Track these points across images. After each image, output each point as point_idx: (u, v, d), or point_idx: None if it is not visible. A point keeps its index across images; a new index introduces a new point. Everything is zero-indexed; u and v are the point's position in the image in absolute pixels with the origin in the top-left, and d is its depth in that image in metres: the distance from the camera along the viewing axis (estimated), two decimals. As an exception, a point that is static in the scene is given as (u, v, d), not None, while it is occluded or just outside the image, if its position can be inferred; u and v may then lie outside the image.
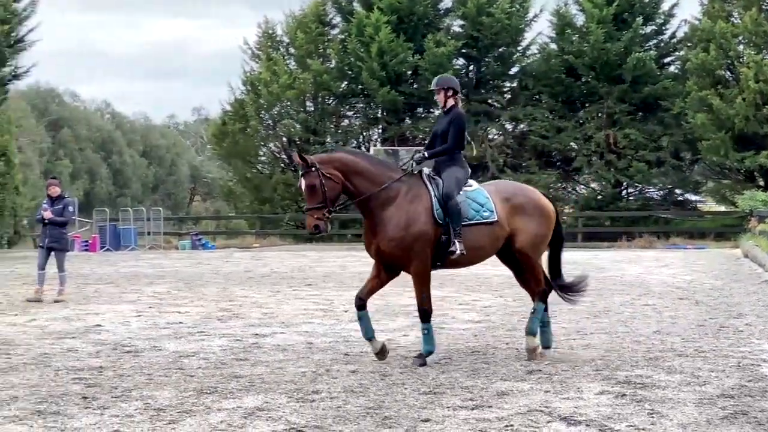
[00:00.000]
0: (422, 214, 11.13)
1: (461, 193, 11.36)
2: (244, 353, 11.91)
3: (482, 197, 11.48)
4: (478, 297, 18.69)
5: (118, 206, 65.03)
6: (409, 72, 50.33)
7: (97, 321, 15.22)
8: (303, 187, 11.12)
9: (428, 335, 11.21)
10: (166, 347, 12.41)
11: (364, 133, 53.20)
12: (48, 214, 18.89)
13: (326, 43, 51.97)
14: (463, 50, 50.15)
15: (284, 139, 52.46)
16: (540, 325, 11.76)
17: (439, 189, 11.27)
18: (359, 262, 28.69)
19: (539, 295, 11.80)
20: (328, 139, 50.69)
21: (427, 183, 11.35)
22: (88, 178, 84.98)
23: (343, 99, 51.95)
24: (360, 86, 50.46)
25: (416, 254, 11.08)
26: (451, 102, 11.85)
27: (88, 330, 14.18)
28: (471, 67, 52.24)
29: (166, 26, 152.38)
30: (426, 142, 12.13)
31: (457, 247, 11.09)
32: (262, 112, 50.90)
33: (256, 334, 13.55)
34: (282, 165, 52.55)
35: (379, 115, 51.53)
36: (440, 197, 11.21)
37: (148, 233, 47.43)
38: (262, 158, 54.90)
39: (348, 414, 8.32)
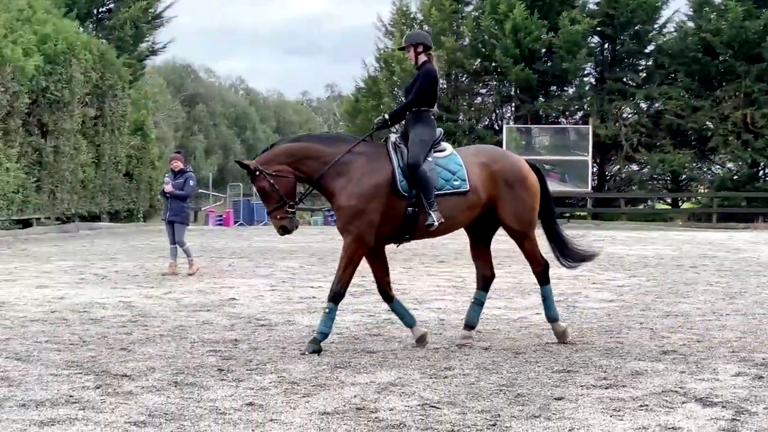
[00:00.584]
0: (377, 189, 10.46)
1: (430, 159, 10.66)
2: (377, 329, 11.94)
3: (454, 164, 10.75)
4: (612, 276, 18.45)
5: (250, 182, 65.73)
6: (543, 50, 49.82)
7: (232, 294, 15.40)
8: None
9: (329, 316, 10.51)
10: (300, 321, 12.51)
11: (497, 111, 52.89)
12: (169, 188, 19.21)
13: (460, 21, 51.74)
14: (599, 28, 49.46)
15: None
16: (473, 302, 11.19)
17: (403, 158, 10.59)
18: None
19: (537, 277, 11.18)
20: (461, 117, 50.56)
21: (391, 152, 10.67)
22: (222, 153, 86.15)
23: (477, 77, 51.66)
24: (493, 64, 50.12)
25: (356, 231, 10.41)
26: (423, 58, 11.09)
27: (222, 303, 14.36)
28: (606, 46, 51.56)
29: (301, 3, 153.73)
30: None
31: (434, 218, 10.42)
32: (395, 89, 50.91)
33: (389, 310, 13.54)
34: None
35: (512, 93, 51.14)
36: (404, 167, 10.55)
37: (281, 209, 47.78)
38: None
39: (481, 391, 8.28)
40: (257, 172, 10.59)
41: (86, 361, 9.53)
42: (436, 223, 10.43)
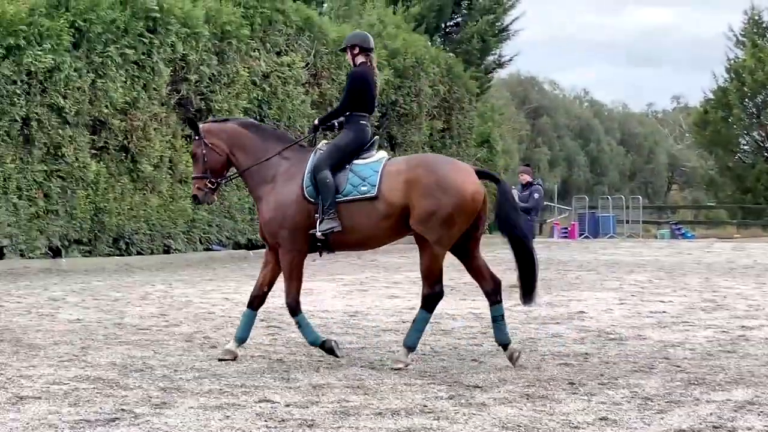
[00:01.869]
0: (292, 195, 10.20)
1: (347, 166, 10.16)
2: (731, 345, 11.51)
3: (369, 170, 10.13)
4: None
5: (596, 194, 65.34)
6: None
7: (580, 307, 15.25)
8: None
9: (303, 326, 10.31)
10: (650, 336, 12.23)
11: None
12: (515, 200, 19.26)
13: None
14: None
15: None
16: (492, 320, 10.39)
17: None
18: None
19: (423, 300, 10.27)
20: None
21: (311, 158, 10.29)
22: (566, 165, 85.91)
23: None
24: None
25: (283, 241, 10.18)
26: (359, 59, 10.66)
27: (571, 316, 14.24)
28: None
29: (646, 13, 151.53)
30: None
31: (327, 225, 9.94)
32: (746, 100, 49.34)
33: (743, 326, 13.09)
34: (765, 154, 50.81)
35: None
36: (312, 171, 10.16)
37: (627, 221, 47.26)
38: (745, 147, 53.39)
39: None
40: (197, 137, 10.67)
41: (438, 371, 9.63)
42: (320, 231, 9.98)
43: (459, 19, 48.86)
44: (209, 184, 10.66)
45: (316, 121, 10.90)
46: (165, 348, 10.92)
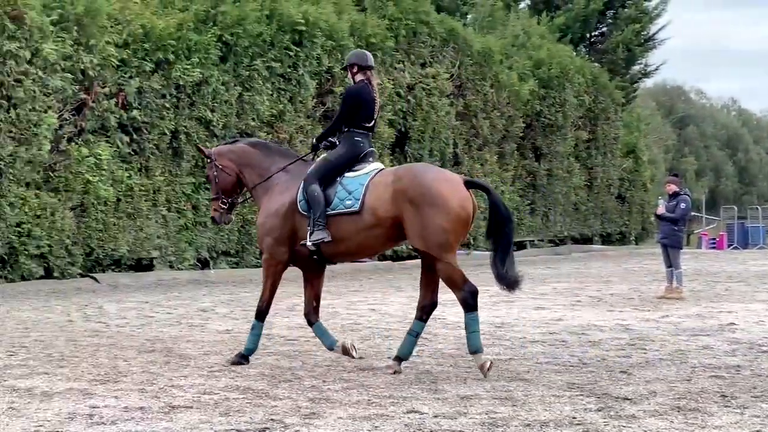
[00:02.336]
0: (283, 206, 10.66)
1: (339, 179, 10.46)
2: None
3: (356, 184, 10.36)
4: None
5: (744, 204, 64.08)
6: None
7: (731, 319, 14.93)
8: None
9: (254, 332, 10.73)
10: (806, 349, 11.92)
11: None
12: (660, 210, 19.08)
13: None
14: None
15: None
16: (408, 332, 10.54)
17: None
18: None
19: (461, 303, 10.26)
20: None
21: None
22: (713, 175, 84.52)
23: None
24: None
25: (267, 248, 10.75)
26: (358, 77, 10.91)
27: (722, 328, 13.95)
28: None
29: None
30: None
31: (316, 236, 10.27)
32: None
33: None
34: None
35: None
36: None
37: (777, 232, 46.21)
38: None
39: None
40: (209, 159, 11.32)
41: (587, 383, 9.52)
42: (308, 244, 10.33)
43: (604, 29, 48.43)
44: (223, 205, 11.29)
45: (314, 139, 11.28)
46: (313, 359, 11.01)
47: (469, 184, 10.35)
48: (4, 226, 19.15)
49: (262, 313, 10.81)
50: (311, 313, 10.91)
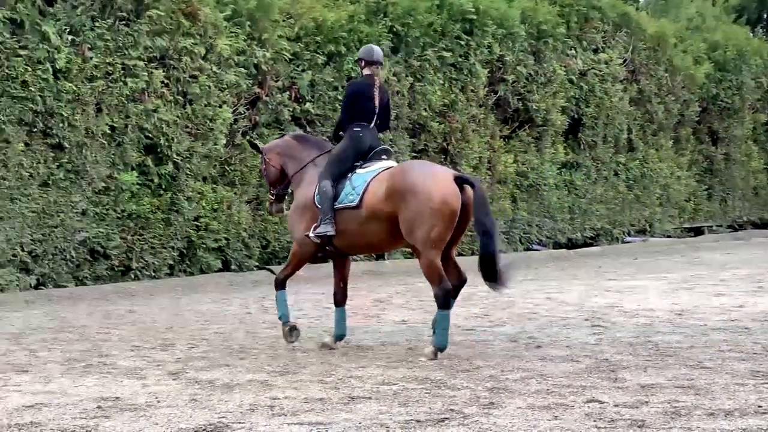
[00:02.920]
0: (307, 199, 11.25)
1: (350, 174, 10.97)
2: None
3: (360, 180, 10.85)
4: None
5: None
6: None
7: None
8: None
9: (280, 300, 11.53)
10: None
11: None
12: None
13: None
14: None
15: None
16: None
17: None
18: None
19: (435, 300, 10.47)
20: None
21: None
22: None
23: None
24: None
25: (294, 238, 11.54)
26: (366, 71, 11.50)
27: None
28: None
29: None
30: None
31: (322, 229, 10.86)
32: None
33: None
34: None
35: None
36: None
37: None
38: None
39: None
40: (260, 154, 12.21)
41: (774, 371, 9.26)
42: (313, 234, 10.92)
43: (781, 8, 47.13)
44: (271, 196, 12.17)
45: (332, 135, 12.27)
46: (490, 348, 10.96)
47: (460, 180, 10.50)
48: (183, 221, 19.55)
49: (280, 283, 11.61)
50: (338, 293, 11.49)
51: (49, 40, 17.36)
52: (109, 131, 18.37)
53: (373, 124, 11.31)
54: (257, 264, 21.22)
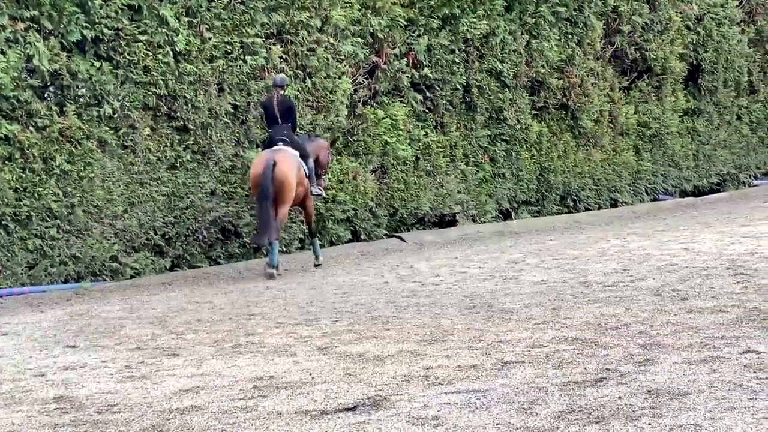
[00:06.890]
0: None
1: None
2: None
3: None
4: None
5: None
6: None
7: None
8: None
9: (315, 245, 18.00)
10: None
11: None
12: None
13: None
14: None
15: None
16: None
17: None
18: None
19: None
20: None
21: None
22: None
23: None
24: None
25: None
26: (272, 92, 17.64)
27: None
28: None
29: None
30: None
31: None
32: None
33: None
34: None
35: None
36: None
37: None
38: None
39: None
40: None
41: None
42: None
43: None
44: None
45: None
46: (635, 303, 10.83)
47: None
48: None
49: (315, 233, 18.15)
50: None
51: (168, 23, 17.51)
52: (232, 110, 18.53)
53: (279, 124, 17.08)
54: (386, 232, 21.28)
